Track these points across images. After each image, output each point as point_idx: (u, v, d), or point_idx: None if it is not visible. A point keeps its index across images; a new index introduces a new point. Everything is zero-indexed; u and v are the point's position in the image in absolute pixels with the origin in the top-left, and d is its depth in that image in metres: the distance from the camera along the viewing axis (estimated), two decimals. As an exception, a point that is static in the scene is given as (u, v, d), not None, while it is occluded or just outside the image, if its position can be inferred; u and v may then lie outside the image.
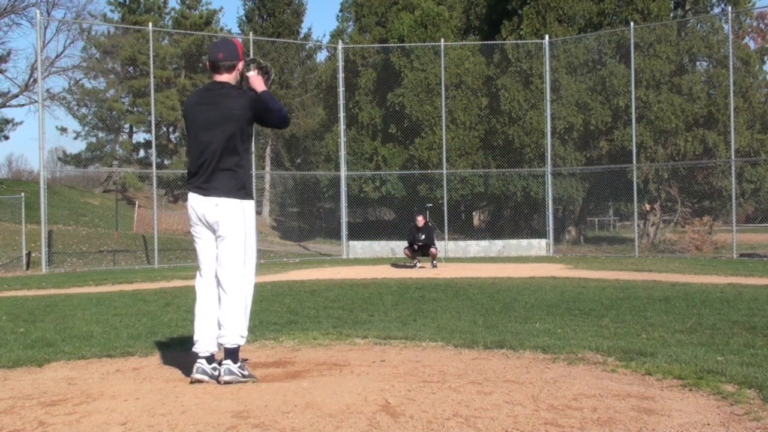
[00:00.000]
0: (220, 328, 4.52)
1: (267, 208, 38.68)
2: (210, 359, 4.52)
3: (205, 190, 4.45)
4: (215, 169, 4.43)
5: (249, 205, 4.53)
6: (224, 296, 4.51)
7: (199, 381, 4.42)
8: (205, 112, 4.49)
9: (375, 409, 3.73)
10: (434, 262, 16.50)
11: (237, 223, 4.46)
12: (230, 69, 4.49)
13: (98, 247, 22.08)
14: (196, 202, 4.49)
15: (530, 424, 3.52)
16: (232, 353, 4.45)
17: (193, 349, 4.57)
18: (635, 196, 20.53)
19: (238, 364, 4.45)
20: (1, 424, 3.67)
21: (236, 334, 4.48)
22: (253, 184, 4.64)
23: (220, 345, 4.54)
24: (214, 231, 4.51)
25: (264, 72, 4.65)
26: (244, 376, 4.43)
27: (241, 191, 4.46)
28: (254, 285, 4.68)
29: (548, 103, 22.13)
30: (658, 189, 23.11)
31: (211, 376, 4.45)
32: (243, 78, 4.62)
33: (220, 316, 4.52)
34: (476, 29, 29.21)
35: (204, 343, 4.54)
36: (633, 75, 20.77)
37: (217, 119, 4.44)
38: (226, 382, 4.35)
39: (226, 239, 4.46)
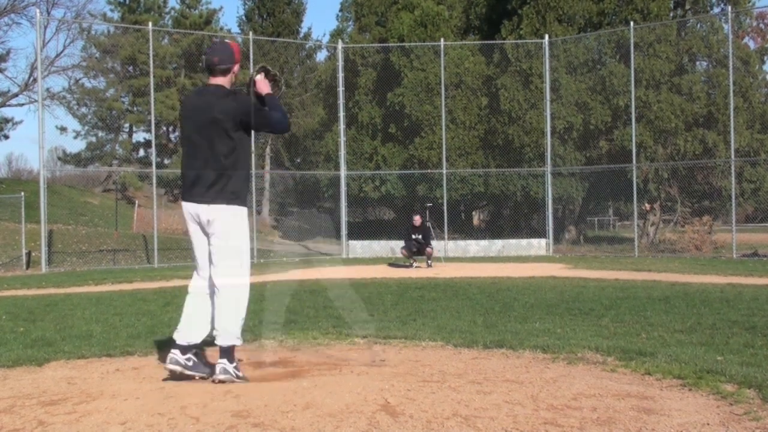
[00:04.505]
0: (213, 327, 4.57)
1: (267, 207, 38.66)
2: (185, 349, 4.54)
3: (198, 196, 4.48)
4: (207, 173, 4.44)
5: (239, 210, 4.52)
6: (217, 295, 4.53)
7: (172, 371, 4.46)
8: (197, 115, 4.52)
9: (375, 409, 3.73)
10: (429, 261, 16.51)
11: (228, 226, 4.47)
12: (224, 72, 4.53)
13: (98, 247, 22.07)
14: (189, 205, 4.55)
15: (530, 423, 3.52)
16: (227, 352, 4.48)
17: (173, 336, 4.63)
18: (635, 195, 20.52)
19: (234, 364, 4.48)
20: (1, 423, 3.67)
21: (231, 334, 4.50)
22: (248, 188, 4.62)
23: (215, 343, 4.58)
24: (206, 232, 4.53)
25: (272, 79, 4.64)
26: (237, 376, 4.45)
27: (231, 195, 4.46)
28: (249, 285, 4.66)
29: (548, 103, 22.13)
30: (657, 189, 23.08)
31: (185, 366, 4.48)
32: (250, 81, 4.63)
33: (215, 315, 4.56)
34: (476, 29, 29.19)
35: (183, 332, 4.59)
36: (633, 75, 20.76)
37: (205, 123, 4.47)
38: (220, 381, 4.37)
39: (218, 241, 4.49)
